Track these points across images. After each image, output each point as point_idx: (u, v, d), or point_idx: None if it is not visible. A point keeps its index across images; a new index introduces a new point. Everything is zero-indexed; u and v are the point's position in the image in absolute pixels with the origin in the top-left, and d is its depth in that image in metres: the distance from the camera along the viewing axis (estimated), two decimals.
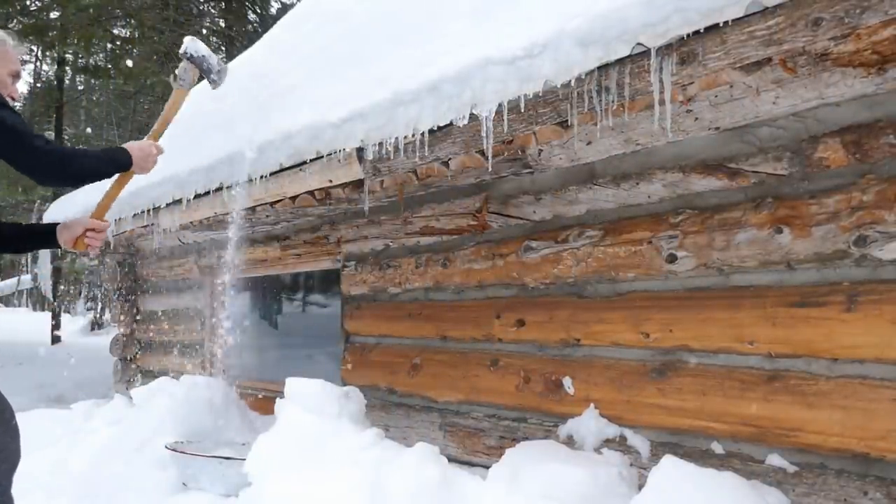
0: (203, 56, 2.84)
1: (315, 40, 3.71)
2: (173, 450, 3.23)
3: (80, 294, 25.42)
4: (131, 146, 2.49)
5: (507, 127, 2.27)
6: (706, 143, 2.36)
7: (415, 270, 3.50)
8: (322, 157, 2.92)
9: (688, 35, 1.80)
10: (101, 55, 12.04)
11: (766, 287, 2.24)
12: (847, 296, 2.05)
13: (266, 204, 3.55)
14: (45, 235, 2.55)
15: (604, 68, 1.99)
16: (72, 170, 2.29)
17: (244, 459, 2.89)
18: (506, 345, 3.06)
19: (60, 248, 2.54)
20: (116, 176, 2.55)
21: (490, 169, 2.58)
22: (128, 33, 11.94)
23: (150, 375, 5.59)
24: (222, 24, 13.48)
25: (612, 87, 2.00)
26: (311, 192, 3.33)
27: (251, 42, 9.21)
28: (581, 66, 2.00)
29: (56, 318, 13.27)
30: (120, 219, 4.55)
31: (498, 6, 2.55)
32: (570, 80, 2.05)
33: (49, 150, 2.22)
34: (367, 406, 3.28)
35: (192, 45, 2.82)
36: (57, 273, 12.48)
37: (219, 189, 3.57)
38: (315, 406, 2.97)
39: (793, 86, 1.99)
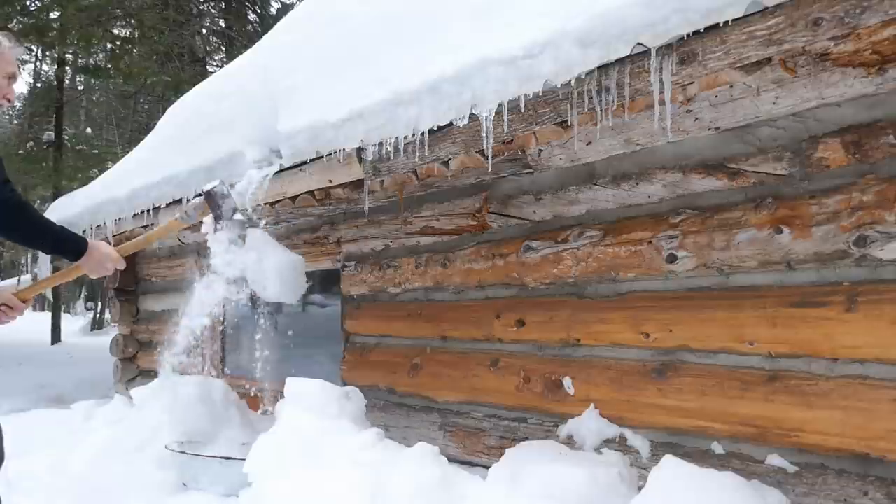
0: (223, 202, 2.68)
1: (315, 41, 3.71)
2: (173, 451, 3.23)
3: (80, 294, 25.41)
4: (94, 247, 2.30)
5: (507, 127, 2.27)
6: (706, 143, 2.36)
7: (415, 270, 3.50)
8: (322, 157, 2.92)
9: (688, 35, 1.80)
10: (101, 55, 12.03)
11: (766, 287, 2.24)
12: (847, 296, 2.05)
13: (266, 204, 3.55)
14: None
15: (604, 68, 1.99)
16: (20, 222, 2.16)
17: (244, 460, 2.89)
18: (506, 345, 3.06)
19: None
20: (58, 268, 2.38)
21: (490, 169, 2.58)
22: (128, 33, 11.94)
23: (150, 375, 5.59)
24: (222, 24, 13.48)
25: (612, 87, 2.00)
26: (311, 192, 3.33)
27: (251, 42, 9.20)
28: (581, 66, 2.00)
29: (56, 318, 13.26)
30: (120, 219, 4.55)
31: (498, 6, 2.54)
32: (570, 80, 2.05)
33: (9, 194, 2.09)
34: (368, 406, 3.28)
35: (220, 187, 2.69)
36: None
37: None
38: (315, 406, 2.97)
39: (793, 86, 1.99)
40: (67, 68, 12.82)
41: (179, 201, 3.85)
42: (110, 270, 2.36)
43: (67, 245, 2.28)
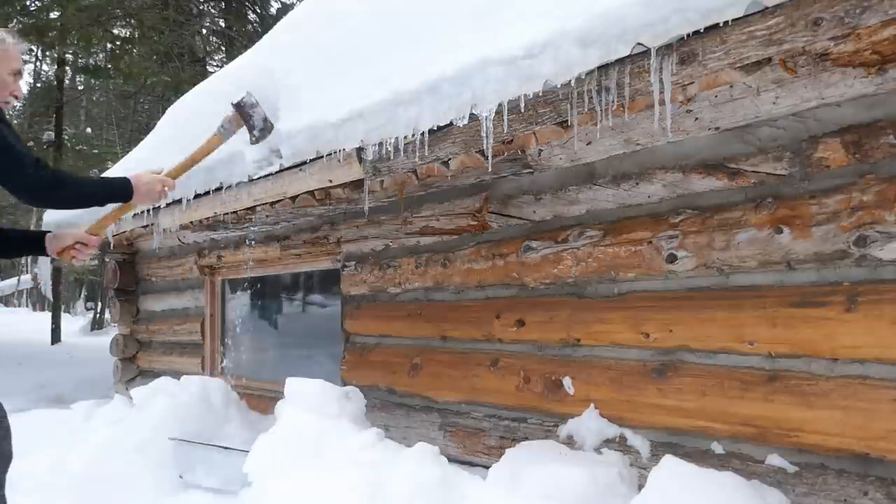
0: (253, 112, 2.85)
1: (315, 41, 3.71)
2: (175, 439, 3.23)
3: (80, 294, 25.42)
4: (138, 180, 2.45)
5: (507, 127, 2.27)
6: (706, 143, 2.36)
7: (415, 270, 3.50)
8: (322, 157, 2.92)
9: (688, 35, 1.81)
10: (101, 55, 12.03)
11: (766, 287, 2.24)
12: (847, 296, 2.05)
13: (266, 204, 3.55)
14: (35, 242, 2.53)
15: (604, 68, 1.99)
16: (64, 194, 2.26)
17: (244, 451, 2.89)
18: (506, 345, 3.06)
19: (46, 255, 2.52)
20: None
21: (490, 169, 2.58)
22: (128, 33, 11.93)
23: (150, 375, 5.59)
24: (222, 24, 13.48)
25: (612, 87, 2.00)
26: (311, 192, 3.33)
27: (251, 42, 9.20)
28: (581, 66, 2.00)
29: (56, 318, 13.26)
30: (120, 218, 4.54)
31: (498, 6, 2.54)
32: (570, 80, 2.05)
33: (42, 172, 2.19)
34: (367, 406, 3.28)
35: (248, 98, 2.84)
36: (57, 273, 12.47)
37: (219, 189, 3.57)
38: (315, 406, 2.98)
39: (793, 86, 1.99)
40: (67, 68, 12.81)
41: (179, 201, 3.85)
42: (164, 194, 2.54)
43: (116, 193, 2.43)
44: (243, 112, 2.82)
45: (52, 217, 5.22)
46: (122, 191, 2.42)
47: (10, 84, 2.29)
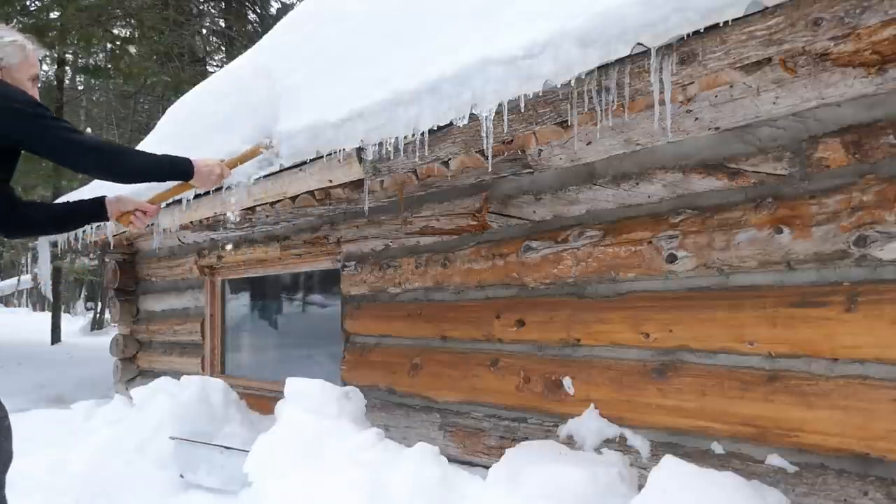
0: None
1: (315, 41, 3.71)
2: (176, 438, 3.23)
3: (80, 294, 25.41)
4: (199, 163, 2.49)
5: (507, 127, 2.27)
6: (706, 143, 2.36)
7: (415, 270, 3.50)
8: (322, 157, 2.92)
9: (688, 35, 1.80)
10: (101, 55, 12.02)
11: (766, 287, 2.24)
12: (847, 296, 2.05)
13: (266, 204, 3.55)
14: (92, 208, 2.55)
15: (604, 68, 1.99)
16: (129, 165, 2.31)
17: (245, 451, 2.89)
18: (506, 345, 3.06)
19: (106, 219, 2.56)
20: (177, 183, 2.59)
21: (490, 169, 2.58)
22: (128, 33, 11.93)
23: (150, 375, 5.59)
24: (222, 24, 13.47)
25: (612, 87, 1.99)
26: (311, 192, 3.33)
27: (251, 42, 9.20)
28: (581, 66, 2.00)
29: (56, 318, 13.26)
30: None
31: (498, 6, 2.54)
32: (570, 80, 2.05)
33: (103, 146, 2.25)
34: (367, 406, 3.28)
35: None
36: (57, 273, 12.47)
37: (218, 189, 3.57)
38: (315, 406, 2.97)
39: (793, 86, 1.99)
40: (67, 68, 12.80)
41: (179, 201, 3.85)
42: (219, 182, 2.61)
43: (178, 170, 2.46)
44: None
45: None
46: (183, 168, 2.46)
47: (29, 89, 2.32)
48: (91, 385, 7.57)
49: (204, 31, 13.73)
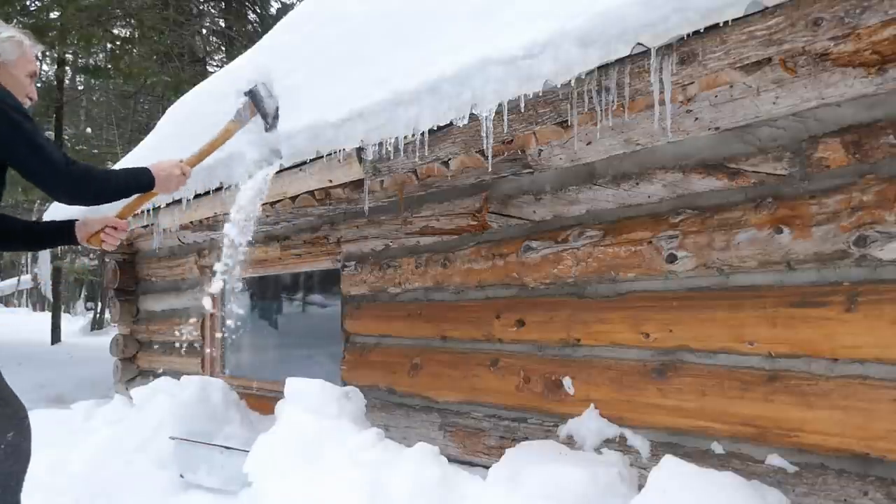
0: (266, 100, 3.04)
1: (315, 41, 3.71)
2: (177, 438, 3.23)
3: (80, 294, 25.41)
4: (157, 169, 2.47)
5: (507, 127, 2.27)
6: (706, 143, 2.36)
7: (415, 270, 3.50)
8: (322, 157, 2.92)
9: (688, 35, 1.80)
10: (101, 55, 12.02)
11: (766, 287, 2.24)
12: (847, 296, 2.05)
13: (266, 204, 3.55)
14: (61, 231, 2.54)
15: (604, 68, 1.99)
16: (96, 188, 2.28)
17: (245, 451, 2.89)
18: (506, 345, 3.06)
19: (76, 243, 2.54)
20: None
21: (490, 169, 2.58)
22: (128, 33, 11.92)
23: (150, 375, 5.59)
24: (222, 24, 13.46)
25: (612, 87, 2.00)
26: (311, 192, 3.33)
27: (251, 42, 9.20)
28: (581, 66, 2.00)
29: (56, 318, 13.26)
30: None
31: (498, 6, 2.54)
32: (570, 80, 2.05)
33: (73, 168, 2.20)
34: (367, 406, 3.28)
35: (260, 87, 3.03)
36: (57, 273, 12.47)
37: (218, 189, 3.57)
38: (315, 406, 2.97)
39: (793, 86, 1.99)
40: (67, 68, 12.80)
41: (179, 201, 3.85)
42: (183, 182, 2.56)
43: (140, 183, 2.44)
44: (256, 99, 2.95)
45: (58, 211, 5.22)
46: (145, 179, 2.45)
47: (26, 86, 2.30)
48: (91, 385, 7.57)
49: (204, 31, 13.72)
